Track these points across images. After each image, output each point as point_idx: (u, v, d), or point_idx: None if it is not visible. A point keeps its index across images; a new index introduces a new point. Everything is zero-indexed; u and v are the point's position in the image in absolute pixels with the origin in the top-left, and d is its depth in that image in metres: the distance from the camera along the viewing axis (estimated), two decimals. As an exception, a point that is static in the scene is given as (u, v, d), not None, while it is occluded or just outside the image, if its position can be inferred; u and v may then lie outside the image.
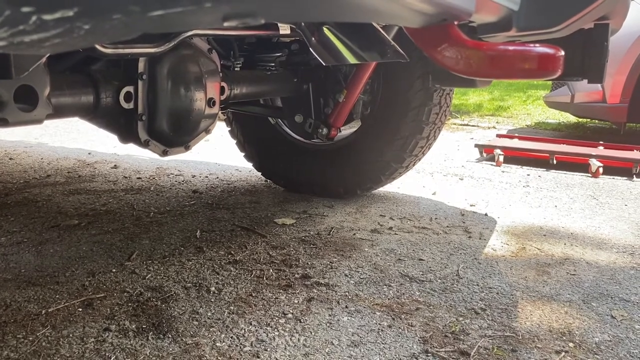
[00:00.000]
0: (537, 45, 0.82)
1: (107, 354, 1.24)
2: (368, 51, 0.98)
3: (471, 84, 1.38)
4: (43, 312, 1.42)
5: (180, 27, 0.50)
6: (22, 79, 1.08)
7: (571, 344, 1.34)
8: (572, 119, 5.60)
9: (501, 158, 3.47)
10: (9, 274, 1.64)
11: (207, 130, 1.77)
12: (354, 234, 2.08)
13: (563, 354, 1.29)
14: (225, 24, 0.39)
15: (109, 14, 0.34)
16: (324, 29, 1.03)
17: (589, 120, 5.39)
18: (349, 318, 1.43)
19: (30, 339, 1.29)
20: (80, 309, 1.44)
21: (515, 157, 3.55)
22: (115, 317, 1.40)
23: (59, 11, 0.33)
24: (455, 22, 0.79)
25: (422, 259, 1.84)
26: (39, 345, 1.26)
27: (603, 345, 1.33)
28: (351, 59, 1.00)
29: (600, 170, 3.17)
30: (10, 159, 3.32)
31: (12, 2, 0.32)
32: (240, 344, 1.29)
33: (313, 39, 1.07)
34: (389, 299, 1.55)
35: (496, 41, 0.97)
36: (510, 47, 0.81)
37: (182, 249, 1.88)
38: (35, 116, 1.15)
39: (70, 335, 1.31)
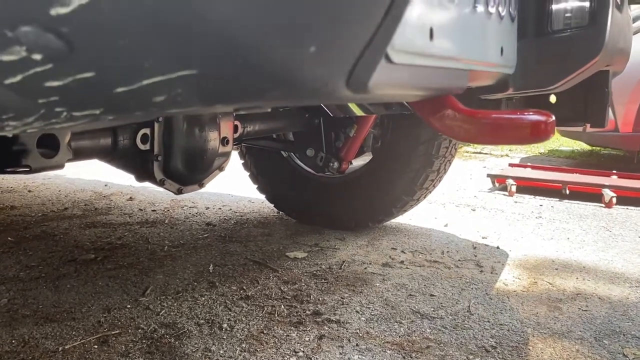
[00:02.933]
0: (530, 112, 0.86)
1: (121, 393, 1.26)
2: (374, 105, 1.01)
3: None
4: (60, 349, 1.45)
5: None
6: (44, 128, 1.14)
7: (582, 384, 1.33)
8: (586, 146, 5.59)
9: (514, 188, 3.48)
10: (27, 310, 1.68)
11: (221, 168, 1.82)
12: (366, 268, 2.09)
13: (574, 394, 1.29)
14: (235, 112, 0.43)
15: (131, 112, 0.38)
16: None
17: (602, 148, 5.38)
18: (360, 356, 1.44)
19: (47, 377, 1.32)
20: (96, 346, 1.47)
21: (527, 187, 3.55)
22: (130, 355, 1.43)
23: (87, 110, 0.37)
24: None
25: (433, 295, 1.85)
26: (56, 384, 1.29)
27: (615, 385, 1.33)
28: (358, 112, 1.03)
29: (614, 200, 3.16)
30: (29, 191, 3.40)
31: (47, 105, 0.36)
32: (252, 383, 1.31)
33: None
34: (399, 336, 1.56)
35: (495, 98, 1.01)
36: (504, 116, 0.84)
37: (195, 284, 1.91)
38: (56, 162, 1.20)
39: (86, 373, 1.34)
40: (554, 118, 0.82)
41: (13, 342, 1.49)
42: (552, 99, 1.20)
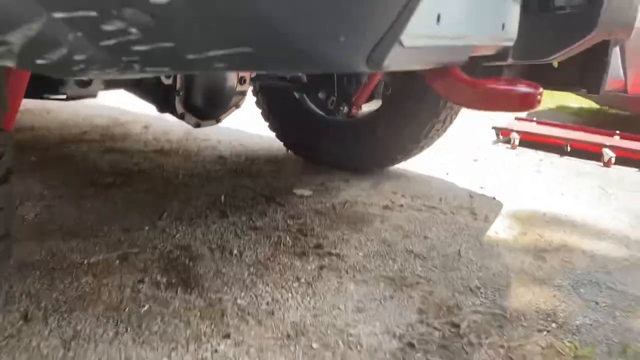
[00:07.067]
0: (521, 84, 0.94)
1: (142, 303, 1.42)
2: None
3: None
4: (85, 262, 1.60)
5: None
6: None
7: (554, 325, 1.48)
8: (594, 104, 5.60)
9: (517, 141, 3.56)
10: (54, 225, 1.83)
11: (237, 105, 1.92)
12: (367, 209, 2.22)
13: (545, 333, 1.44)
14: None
15: (193, 69, 0.47)
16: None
17: (610, 107, 5.39)
18: (356, 286, 1.59)
19: (75, 285, 1.48)
20: (118, 262, 1.62)
21: (531, 142, 3.63)
22: (148, 271, 1.58)
23: (158, 67, 0.46)
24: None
25: (427, 237, 1.99)
26: (83, 291, 1.45)
27: (583, 328, 1.47)
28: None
29: (613, 160, 3.25)
30: (48, 112, 3.50)
31: (128, 62, 0.46)
32: (258, 302, 1.46)
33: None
34: (393, 272, 1.70)
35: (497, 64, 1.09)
36: (499, 87, 0.93)
37: (208, 212, 2.05)
38: (91, 91, 1.30)
39: (110, 284, 1.49)
40: (541, 90, 0.91)
41: (43, 252, 1.64)
42: (555, 62, 1.28)
